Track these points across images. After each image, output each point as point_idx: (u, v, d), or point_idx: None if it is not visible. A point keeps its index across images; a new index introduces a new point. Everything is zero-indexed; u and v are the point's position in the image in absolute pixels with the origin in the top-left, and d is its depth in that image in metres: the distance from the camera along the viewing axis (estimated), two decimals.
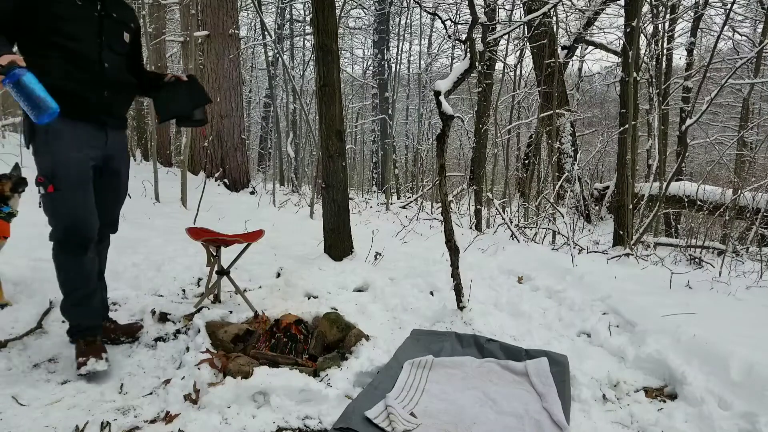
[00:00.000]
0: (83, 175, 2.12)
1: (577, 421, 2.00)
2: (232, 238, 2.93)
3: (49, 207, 2.10)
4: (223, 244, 2.94)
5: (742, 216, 7.10)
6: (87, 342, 2.19)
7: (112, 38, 2.21)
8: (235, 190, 8.01)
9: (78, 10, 2.09)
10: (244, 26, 16.49)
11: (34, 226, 3.75)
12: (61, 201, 2.07)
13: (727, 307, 3.20)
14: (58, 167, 2.06)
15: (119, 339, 2.49)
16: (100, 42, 2.15)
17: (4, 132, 8.52)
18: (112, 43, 2.20)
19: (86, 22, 2.12)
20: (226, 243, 2.93)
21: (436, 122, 14.39)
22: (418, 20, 15.72)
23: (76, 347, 2.19)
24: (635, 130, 5.81)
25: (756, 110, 12.45)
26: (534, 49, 9.22)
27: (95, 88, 2.15)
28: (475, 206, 6.97)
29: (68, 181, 2.07)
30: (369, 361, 2.32)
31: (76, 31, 2.08)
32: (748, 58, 7.44)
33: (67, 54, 2.06)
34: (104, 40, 2.16)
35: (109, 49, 2.19)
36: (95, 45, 2.14)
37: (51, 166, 2.06)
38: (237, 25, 8.40)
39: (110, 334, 2.47)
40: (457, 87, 3.12)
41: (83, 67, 2.10)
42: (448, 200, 3.12)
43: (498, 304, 3.20)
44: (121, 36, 2.25)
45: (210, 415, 1.89)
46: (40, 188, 2.07)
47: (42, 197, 2.08)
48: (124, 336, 2.51)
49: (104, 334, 2.41)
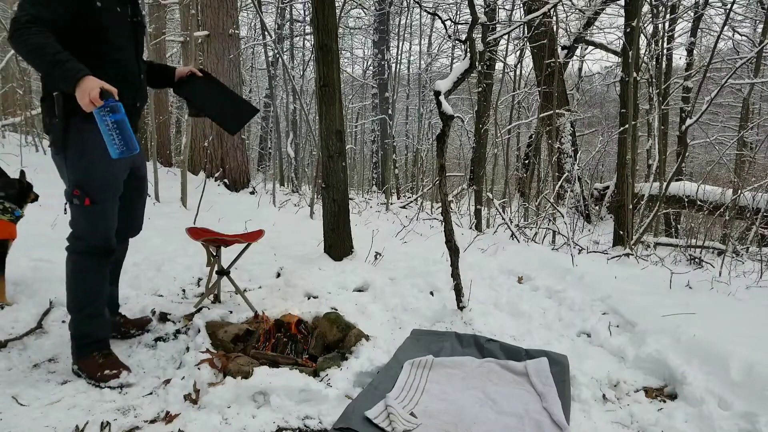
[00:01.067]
0: (117, 188, 2.13)
1: (577, 421, 2.00)
2: (232, 238, 2.93)
3: (82, 219, 2.07)
4: (223, 244, 2.94)
5: (742, 216, 7.10)
6: (104, 355, 2.15)
7: (140, 44, 2.20)
8: (235, 190, 8.01)
9: (119, 18, 2.07)
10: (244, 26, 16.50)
11: (34, 226, 3.76)
12: (96, 214, 2.07)
13: (727, 307, 3.20)
14: (96, 181, 2.04)
15: (129, 332, 2.52)
16: (136, 50, 2.15)
17: (4, 132, 8.53)
18: (140, 49, 2.19)
19: (126, 31, 2.11)
20: (226, 243, 2.93)
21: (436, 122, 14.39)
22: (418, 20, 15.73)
23: (90, 361, 2.12)
24: (635, 130, 5.81)
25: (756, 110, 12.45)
26: (534, 49, 9.22)
27: (134, 97, 2.16)
28: (475, 206, 6.97)
29: (105, 195, 2.07)
30: (369, 361, 2.32)
31: (121, 42, 2.08)
32: (748, 58, 7.44)
33: (116, 65, 2.05)
34: (137, 47, 2.16)
35: (139, 55, 2.18)
36: (134, 54, 2.15)
37: (88, 179, 2.03)
38: (237, 25, 8.40)
39: (121, 327, 2.50)
40: (457, 87, 3.11)
41: (127, 77, 2.10)
42: (448, 200, 3.12)
43: (498, 304, 3.20)
44: (143, 40, 2.24)
45: (210, 415, 1.89)
46: (74, 200, 2.04)
47: (74, 208, 2.06)
48: (134, 329, 2.54)
49: (115, 328, 2.45)
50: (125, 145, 1.82)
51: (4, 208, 2.65)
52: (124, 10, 2.09)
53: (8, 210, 2.66)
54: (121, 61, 2.07)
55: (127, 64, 2.10)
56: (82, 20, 1.94)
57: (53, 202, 4.58)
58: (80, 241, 2.10)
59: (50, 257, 3.07)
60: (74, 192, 2.03)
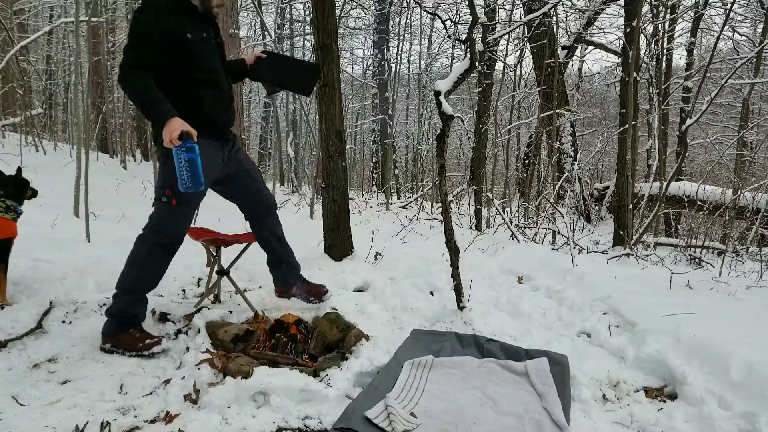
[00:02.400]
0: (201, 196, 2.43)
1: (577, 421, 2.00)
2: (233, 238, 2.93)
3: (165, 215, 2.37)
4: (223, 244, 2.94)
5: (742, 216, 7.10)
6: (139, 330, 2.39)
7: (224, 60, 2.47)
8: None
9: (206, 43, 2.34)
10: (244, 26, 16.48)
11: (34, 227, 3.76)
12: (177, 214, 2.37)
13: (727, 307, 3.20)
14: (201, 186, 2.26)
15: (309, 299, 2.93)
16: (223, 69, 2.43)
17: (4, 132, 8.53)
18: (226, 65, 2.47)
19: (213, 53, 2.38)
20: (226, 243, 2.93)
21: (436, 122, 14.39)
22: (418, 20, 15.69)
23: (127, 337, 2.34)
24: (635, 130, 5.81)
25: (756, 110, 12.44)
26: (534, 49, 9.22)
27: (225, 111, 2.45)
28: (475, 206, 6.97)
29: (189, 201, 2.38)
30: (369, 361, 2.32)
31: (212, 64, 2.36)
32: (748, 58, 7.44)
33: (209, 83, 2.35)
34: (223, 64, 2.44)
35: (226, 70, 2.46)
36: (222, 70, 2.42)
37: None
38: (237, 25, 8.40)
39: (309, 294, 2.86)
40: (457, 87, 3.11)
41: (220, 96, 2.40)
42: (448, 200, 3.12)
43: (498, 304, 3.20)
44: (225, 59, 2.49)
45: (210, 415, 1.89)
46: (163, 198, 2.31)
47: (162, 205, 2.34)
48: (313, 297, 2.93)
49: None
50: (192, 181, 2.09)
51: (7, 207, 2.65)
52: (208, 35, 2.37)
53: (11, 208, 2.67)
54: (212, 79, 2.37)
55: (217, 80, 2.39)
56: (178, 52, 2.24)
57: (53, 202, 4.59)
58: (157, 234, 2.38)
59: (50, 257, 3.07)
60: (165, 191, 2.30)
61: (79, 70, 5.99)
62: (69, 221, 4.11)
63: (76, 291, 2.94)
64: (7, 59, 7.16)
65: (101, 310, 2.78)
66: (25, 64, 10.06)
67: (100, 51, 9.53)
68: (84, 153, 4.36)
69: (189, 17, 2.30)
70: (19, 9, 11.25)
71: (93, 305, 2.79)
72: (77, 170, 4.33)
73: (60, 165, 6.62)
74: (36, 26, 13.37)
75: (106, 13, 9.70)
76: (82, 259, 3.14)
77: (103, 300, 2.88)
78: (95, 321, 2.65)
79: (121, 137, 10.19)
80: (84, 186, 3.97)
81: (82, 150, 4.45)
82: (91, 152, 6.63)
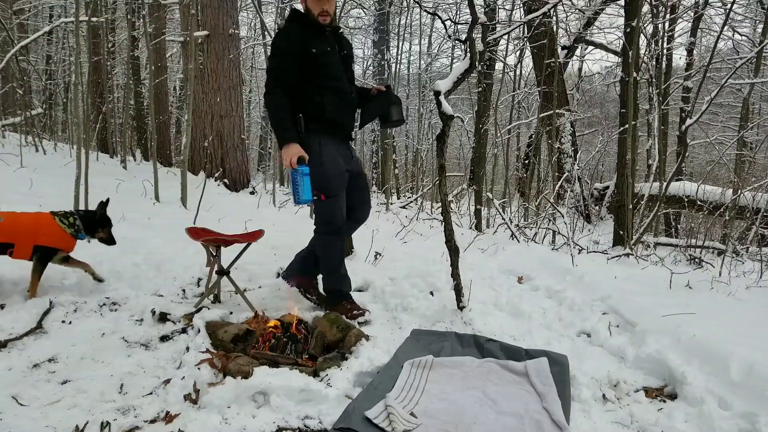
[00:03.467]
0: (342, 185, 2.78)
1: (577, 421, 2.00)
2: (232, 238, 2.93)
3: (320, 210, 2.82)
4: (223, 244, 2.94)
5: (742, 216, 7.10)
6: (349, 302, 2.88)
7: (350, 71, 2.82)
8: (235, 190, 8.01)
9: (331, 56, 2.69)
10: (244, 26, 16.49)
11: None
12: (328, 206, 2.77)
13: (727, 307, 3.20)
14: (329, 182, 2.71)
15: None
16: (348, 77, 2.77)
17: (4, 132, 8.53)
18: (351, 75, 2.83)
19: (338, 64, 2.73)
20: (226, 243, 2.93)
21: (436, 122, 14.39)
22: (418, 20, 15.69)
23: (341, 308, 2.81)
24: (635, 130, 5.81)
25: (756, 110, 12.44)
26: (534, 49, 9.23)
27: (350, 114, 2.81)
28: (475, 206, 6.97)
29: (333, 192, 2.74)
30: (369, 361, 2.31)
31: (336, 72, 2.71)
32: (748, 58, 7.44)
33: (334, 90, 2.70)
34: (348, 74, 2.78)
35: (351, 81, 2.81)
36: (346, 80, 2.76)
37: (322, 181, 2.68)
38: (237, 25, 8.40)
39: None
40: (457, 87, 3.11)
41: (345, 100, 2.74)
42: (448, 200, 3.12)
43: (498, 304, 3.20)
44: (351, 67, 2.85)
45: (210, 415, 1.88)
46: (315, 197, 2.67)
47: (317, 203, 2.74)
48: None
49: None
50: (299, 197, 2.58)
51: (71, 223, 2.88)
52: (332, 48, 2.71)
53: (74, 225, 2.89)
54: (337, 87, 2.71)
55: (342, 88, 2.73)
56: (307, 66, 2.64)
57: (53, 202, 4.59)
58: (324, 225, 2.83)
59: None
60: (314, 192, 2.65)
61: (79, 70, 5.99)
62: None
63: (76, 291, 2.94)
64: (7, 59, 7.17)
65: (101, 310, 2.79)
66: (25, 64, 10.05)
67: (100, 51, 9.53)
68: (84, 153, 4.36)
69: (316, 34, 2.66)
70: (19, 9, 11.25)
71: (93, 305, 2.79)
72: (77, 170, 4.33)
73: (60, 165, 6.62)
74: (36, 26, 13.37)
75: (106, 13, 9.70)
76: (82, 259, 3.14)
77: (103, 300, 2.88)
78: (95, 321, 2.65)
79: (121, 137, 10.20)
80: (84, 186, 3.98)
81: (82, 150, 4.45)
82: (91, 152, 6.64)
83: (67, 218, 2.88)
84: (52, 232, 2.81)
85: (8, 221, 2.76)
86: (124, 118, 10.95)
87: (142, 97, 11.66)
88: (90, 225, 2.96)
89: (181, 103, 15.84)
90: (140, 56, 12.13)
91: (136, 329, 2.58)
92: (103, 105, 9.71)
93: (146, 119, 11.25)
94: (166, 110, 11.71)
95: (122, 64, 13.12)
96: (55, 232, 2.82)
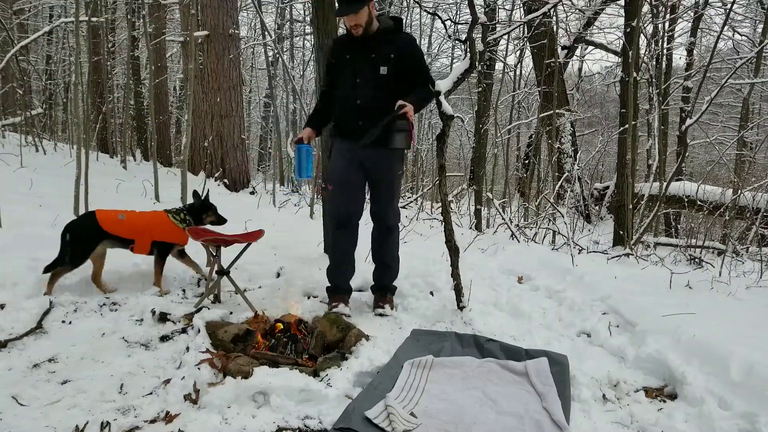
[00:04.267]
0: (345, 179, 2.95)
1: (577, 421, 2.00)
2: (232, 238, 2.93)
3: (327, 199, 3.44)
4: (223, 244, 2.94)
5: (742, 216, 7.09)
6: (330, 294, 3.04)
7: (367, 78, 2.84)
8: (235, 190, 8.01)
9: (343, 65, 2.90)
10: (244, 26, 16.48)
11: (34, 227, 3.76)
12: (334, 198, 3.07)
13: (727, 307, 3.20)
14: (331, 175, 3.04)
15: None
16: (354, 84, 2.86)
17: (4, 132, 8.53)
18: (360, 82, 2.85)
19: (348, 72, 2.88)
20: (226, 243, 2.93)
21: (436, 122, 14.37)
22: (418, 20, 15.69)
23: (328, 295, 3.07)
24: (635, 130, 5.81)
25: (756, 110, 12.44)
26: (534, 49, 9.22)
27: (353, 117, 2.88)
28: (475, 206, 6.97)
29: (335, 184, 3.00)
30: (369, 361, 2.31)
31: (345, 80, 2.90)
32: (748, 58, 7.44)
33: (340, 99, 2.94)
34: (359, 81, 2.84)
35: (364, 87, 2.84)
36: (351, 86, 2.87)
37: (329, 174, 3.09)
38: (237, 25, 8.40)
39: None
40: (457, 87, 3.12)
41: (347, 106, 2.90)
42: (448, 200, 3.12)
43: (498, 304, 3.20)
44: (377, 71, 2.83)
45: (210, 415, 1.88)
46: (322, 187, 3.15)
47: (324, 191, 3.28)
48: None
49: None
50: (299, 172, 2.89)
51: (182, 218, 3.12)
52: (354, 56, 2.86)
53: (185, 220, 3.13)
54: (342, 95, 2.92)
55: (346, 94, 2.90)
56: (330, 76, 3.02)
57: (53, 201, 4.59)
58: (332, 218, 3.16)
59: (50, 257, 3.06)
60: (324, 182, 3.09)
61: (79, 70, 5.98)
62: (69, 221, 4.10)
63: (76, 291, 2.94)
64: (7, 59, 7.16)
65: (101, 310, 2.78)
66: (25, 64, 10.05)
67: (100, 51, 9.53)
68: (84, 153, 4.36)
69: (347, 44, 2.90)
70: (19, 9, 11.24)
71: (93, 305, 2.79)
72: (77, 170, 4.33)
73: (60, 165, 6.62)
74: (36, 26, 13.37)
75: (106, 13, 9.69)
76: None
77: (103, 300, 2.88)
78: (95, 321, 2.65)
79: (121, 137, 10.19)
80: (84, 186, 3.98)
81: (82, 150, 4.45)
82: (91, 152, 6.63)
83: (178, 214, 3.13)
84: (167, 228, 3.08)
85: (129, 219, 3.03)
86: (124, 118, 10.94)
87: (142, 97, 11.67)
88: (197, 215, 3.19)
89: (181, 103, 15.84)
90: (140, 56, 12.13)
91: (136, 329, 2.58)
92: (103, 105, 9.71)
93: (146, 119, 11.24)
94: (166, 110, 11.71)
95: (122, 64, 13.12)
96: (169, 228, 3.08)
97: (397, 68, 2.82)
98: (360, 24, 2.75)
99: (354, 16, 2.72)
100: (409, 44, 2.90)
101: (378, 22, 2.85)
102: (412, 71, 2.85)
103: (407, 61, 2.84)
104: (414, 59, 2.88)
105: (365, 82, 2.84)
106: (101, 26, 9.12)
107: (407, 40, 2.92)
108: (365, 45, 2.83)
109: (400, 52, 2.83)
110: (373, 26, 2.81)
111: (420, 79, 2.87)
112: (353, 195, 2.98)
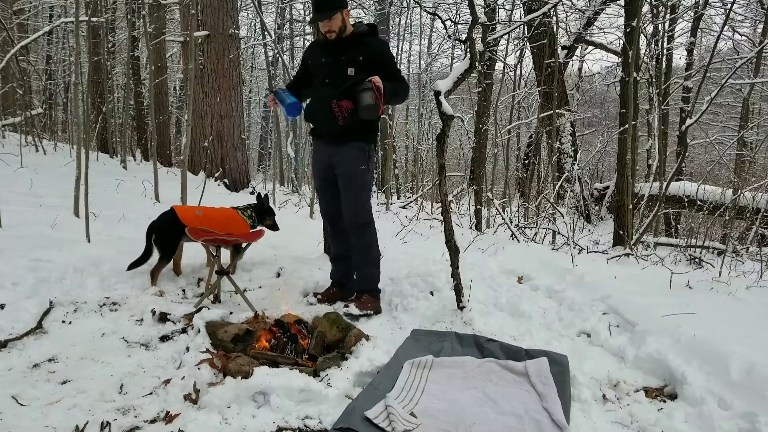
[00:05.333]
0: (322, 176, 3.15)
1: (577, 421, 2.00)
2: (232, 238, 2.93)
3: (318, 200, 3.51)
4: (223, 244, 2.94)
5: (742, 216, 7.09)
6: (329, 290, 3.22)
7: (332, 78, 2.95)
8: (235, 190, 8.00)
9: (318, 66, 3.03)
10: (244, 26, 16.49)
11: (34, 227, 3.76)
12: (319, 196, 3.30)
13: (727, 307, 3.20)
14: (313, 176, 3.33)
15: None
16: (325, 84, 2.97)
17: (4, 132, 8.52)
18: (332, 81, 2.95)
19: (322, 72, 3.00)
20: (226, 243, 2.93)
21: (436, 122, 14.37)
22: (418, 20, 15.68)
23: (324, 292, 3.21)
24: (635, 130, 5.81)
25: (756, 110, 12.45)
26: (534, 49, 9.22)
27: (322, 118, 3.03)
28: (475, 206, 6.97)
29: (317, 183, 3.26)
30: (369, 361, 2.31)
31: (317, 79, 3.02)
32: (748, 58, 7.44)
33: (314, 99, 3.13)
34: (328, 82, 2.96)
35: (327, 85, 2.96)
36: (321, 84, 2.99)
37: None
38: (237, 25, 8.40)
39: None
40: (457, 87, 3.11)
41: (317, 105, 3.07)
42: (448, 200, 3.12)
43: (498, 304, 3.20)
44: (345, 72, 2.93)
45: (210, 415, 1.89)
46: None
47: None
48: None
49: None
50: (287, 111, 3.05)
51: (249, 215, 3.32)
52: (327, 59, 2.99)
53: (252, 217, 3.32)
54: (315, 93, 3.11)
55: (317, 93, 3.08)
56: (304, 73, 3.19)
57: (53, 201, 4.59)
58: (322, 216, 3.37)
59: (50, 257, 3.07)
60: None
61: (79, 70, 5.99)
62: (69, 221, 4.10)
63: (76, 291, 2.94)
64: (7, 59, 7.15)
65: (101, 310, 2.78)
66: (25, 64, 10.04)
67: (100, 51, 9.53)
68: (84, 153, 4.35)
69: (321, 47, 3.06)
70: (19, 9, 11.24)
71: (93, 305, 2.79)
72: (77, 170, 4.32)
73: (60, 165, 6.61)
74: (36, 26, 13.36)
75: (106, 13, 9.69)
76: (82, 259, 3.14)
77: (103, 300, 2.88)
78: (95, 321, 2.65)
79: (121, 137, 10.19)
80: (84, 186, 3.97)
81: (82, 150, 4.44)
82: (91, 152, 6.63)
83: (245, 211, 3.31)
84: (239, 224, 3.24)
85: (206, 214, 3.18)
86: (124, 118, 10.94)
87: (142, 97, 11.67)
88: (261, 215, 3.38)
89: (181, 103, 15.84)
90: (140, 56, 12.13)
91: (136, 329, 2.58)
92: (103, 105, 9.70)
93: (146, 119, 11.25)
94: (166, 110, 11.70)
95: (122, 64, 13.11)
96: (239, 224, 3.25)
97: (367, 70, 2.88)
98: (333, 30, 2.90)
99: (327, 21, 2.88)
100: (378, 47, 3.00)
101: (353, 28, 3.00)
102: (382, 73, 2.89)
103: (377, 64, 2.92)
104: (383, 61, 2.97)
105: (334, 83, 2.96)
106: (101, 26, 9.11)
107: (376, 44, 3.01)
108: (337, 48, 2.97)
109: (370, 55, 2.94)
110: (347, 31, 2.97)
111: (392, 77, 2.95)
112: (335, 192, 3.10)
